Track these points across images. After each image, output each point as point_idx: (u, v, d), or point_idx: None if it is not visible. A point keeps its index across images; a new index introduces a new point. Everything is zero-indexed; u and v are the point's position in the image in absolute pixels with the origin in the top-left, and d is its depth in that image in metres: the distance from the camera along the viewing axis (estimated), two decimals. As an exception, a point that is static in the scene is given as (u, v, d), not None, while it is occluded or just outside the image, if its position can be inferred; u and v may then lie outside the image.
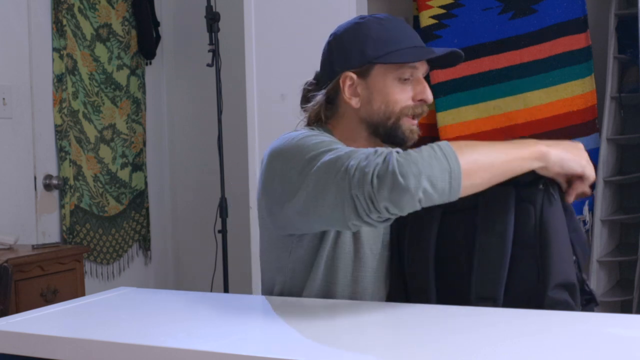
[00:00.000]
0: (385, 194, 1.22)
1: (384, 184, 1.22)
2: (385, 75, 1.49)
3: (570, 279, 1.29)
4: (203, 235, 3.76)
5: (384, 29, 1.50)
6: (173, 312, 1.40)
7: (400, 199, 1.22)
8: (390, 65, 1.48)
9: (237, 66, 3.22)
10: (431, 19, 3.07)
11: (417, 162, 1.23)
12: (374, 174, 1.23)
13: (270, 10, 2.81)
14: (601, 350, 1.04)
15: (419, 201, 1.23)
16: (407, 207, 1.24)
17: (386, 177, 1.22)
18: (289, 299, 1.47)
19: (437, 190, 1.23)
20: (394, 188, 1.22)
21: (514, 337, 1.13)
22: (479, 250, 1.32)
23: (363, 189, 1.24)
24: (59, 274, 2.73)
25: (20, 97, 3.17)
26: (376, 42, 1.49)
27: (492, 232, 1.31)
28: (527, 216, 1.31)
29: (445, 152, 1.24)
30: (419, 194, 1.22)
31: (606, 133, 2.78)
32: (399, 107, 1.49)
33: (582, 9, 2.84)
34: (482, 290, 1.30)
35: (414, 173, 1.21)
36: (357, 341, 1.15)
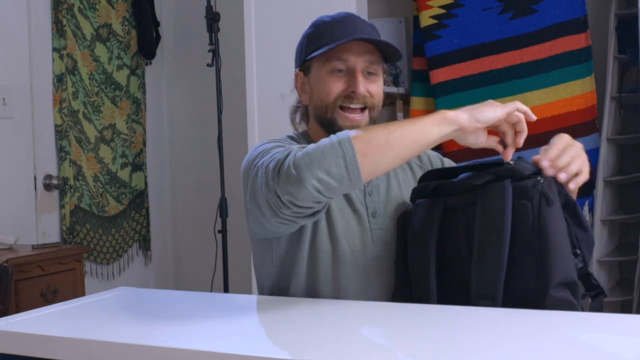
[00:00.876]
0: (284, 187, 1.29)
1: (280, 177, 1.29)
2: (319, 69, 1.55)
3: (571, 277, 1.28)
4: (203, 235, 3.76)
5: (324, 27, 1.56)
6: (173, 312, 1.40)
7: (296, 190, 1.28)
8: (320, 59, 1.54)
9: (237, 66, 3.22)
10: (431, 19, 3.08)
11: (311, 153, 1.28)
12: (275, 171, 1.31)
13: (270, 10, 2.81)
14: (601, 350, 1.04)
15: (317, 190, 1.27)
16: (305, 198, 1.29)
17: (282, 171, 1.29)
18: (289, 299, 1.47)
19: (334, 176, 1.26)
20: (288, 180, 1.28)
21: (512, 337, 1.13)
22: (477, 248, 1.32)
23: (269, 187, 1.32)
24: (59, 274, 2.73)
25: (20, 97, 3.17)
26: (313, 39, 1.56)
27: (490, 230, 1.31)
28: (525, 214, 1.30)
29: (339, 139, 1.28)
30: (313, 182, 1.26)
31: (606, 133, 2.78)
32: (331, 98, 1.53)
33: (582, 9, 2.84)
34: (482, 288, 1.30)
35: (305, 164, 1.27)
36: (358, 341, 1.15)
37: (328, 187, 1.27)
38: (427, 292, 1.38)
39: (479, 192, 1.35)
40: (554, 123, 2.88)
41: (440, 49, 3.06)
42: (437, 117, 1.33)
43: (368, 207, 1.54)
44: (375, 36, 1.54)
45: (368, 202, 1.54)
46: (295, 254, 1.51)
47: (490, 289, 1.29)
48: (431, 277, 1.38)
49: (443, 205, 1.41)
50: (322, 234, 1.50)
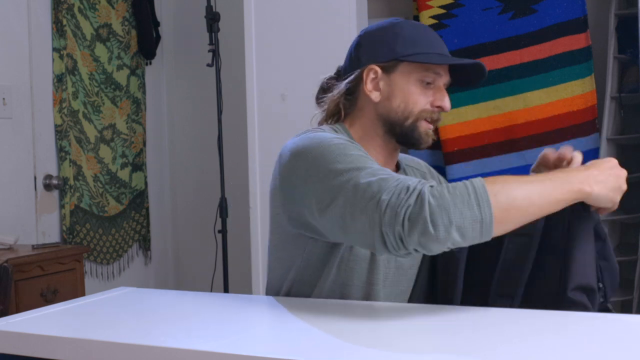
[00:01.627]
0: (416, 238, 1.21)
1: (414, 229, 1.21)
2: (409, 74, 1.50)
3: (590, 283, 1.27)
4: (203, 235, 3.76)
5: (417, 32, 1.52)
6: (173, 312, 1.40)
7: (429, 245, 1.22)
8: (415, 66, 1.49)
9: (237, 66, 3.22)
10: (431, 19, 3.08)
11: (449, 209, 1.20)
12: (405, 216, 1.22)
13: (270, 10, 2.81)
14: (601, 350, 1.04)
15: (448, 248, 1.23)
16: (435, 251, 1.25)
17: (418, 223, 1.21)
18: (289, 299, 1.47)
19: (467, 239, 1.22)
20: (424, 235, 1.21)
21: (512, 337, 1.13)
22: (505, 247, 1.31)
23: (394, 229, 1.23)
24: (59, 274, 2.73)
25: (20, 97, 3.17)
26: (407, 41, 1.50)
27: (521, 232, 1.28)
28: (557, 220, 1.29)
29: (479, 197, 1.21)
30: (448, 243, 1.22)
31: (606, 133, 2.78)
32: (418, 108, 1.50)
33: (582, 9, 2.84)
34: (502, 288, 1.30)
35: (444, 224, 1.20)
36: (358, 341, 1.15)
37: (458, 245, 1.24)
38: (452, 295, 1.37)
39: None
40: (554, 123, 2.88)
41: (440, 49, 3.05)
42: (577, 192, 1.28)
43: None
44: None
45: None
46: (330, 251, 1.47)
47: (511, 289, 1.29)
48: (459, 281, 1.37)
49: None
50: None
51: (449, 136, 2.96)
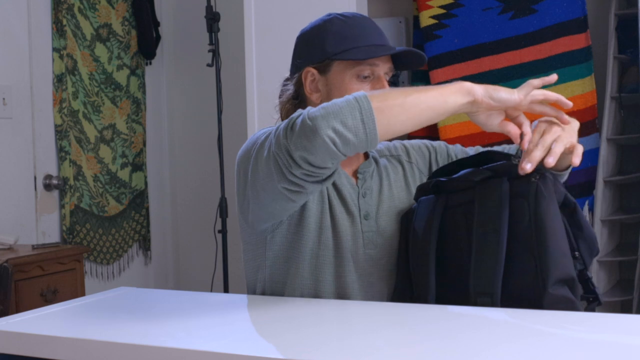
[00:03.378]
0: (297, 140, 1.25)
1: (294, 132, 1.26)
2: (344, 72, 1.51)
3: (570, 274, 1.28)
4: (203, 235, 3.76)
5: (346, 26, 1.52)
6: (173, 312, 1.40)
7: (311, 141, 1.24)
8: (348, 62, 1.50)
9: (237, 66, 3.22)
10: (431, 19, 3.08)
11: (326, 106, 1.25)
12: (288, 127, 1.27)
13: (270, 10, 2.81)
14: (601, 351, 1.04)
15: (332, 142, 1.23)
16: (320, 150, 1.24)
17: (296, 125, 1.26)
18: (289, 299, 1.47)
19: (350, 128, 1.23)
20: (303, 132, 1.24)
21: (511, 337, 1.13)
22: (475, 246, 1.32)
23: (280, 144, 1.28)
24: (59, 274, 2.73)
25: (20, 97, 3.17)
26: (336, 38, 1.51)
27: (488, 228, 1.31)
28: (521, 211, 1.30)
29: (355, 96, 1.26)
30: (329, 132, 1.22)
31: (606, 133, 2.78)
32: None
33: (582, 9, 2.84)
34: (480, 286, 1.30)
35: (321, 114, 1.24)
36: (358, 341, 1.15)
37: (344, 140, 1.23)
38: (425, 291, 1.38)
39: (477, 189, 1.36)
40: (553, 123, 2.87)
41: (441, 49, 3.06)
42: (455, 86, 1.31)
43: (361, 209, 1.53)
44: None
45: (361, 203, 1.53)
46: (295, 249, 1.49)
47: (488, 287, 1.29)
48: (430, 276, 1.38)
49: (444, 203, 1.41)
50: (327, 231, 1.49)
51: (449, 136, 2.96)
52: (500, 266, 1.28)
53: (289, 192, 1.35)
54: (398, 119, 1.26)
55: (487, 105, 1.31)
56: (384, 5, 3.44)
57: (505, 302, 1.28)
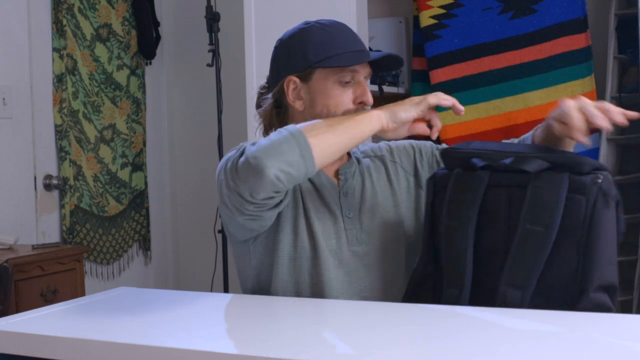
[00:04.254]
0: (244, 182, 1.35)
1: (239, 174, 1.35)
2: (326, 78, 1.54)
3: (613, 282, 1.24)
4: (203, 235, 3.76)
5: (326, 34, 1.55)
6: (173, 312, 1.40)
7: (257, 181, 1.33)
8: (330, 69, 1.54)
9: (237, 66, 3.22)
10: (431, 19, 3.08)
11: (267, 145, 1.34)
12: (233, 169, 1.37)
13: (270, 10, 2.81)
14: (601, 351, 1.04)
15: (277, 179, 1.32)
16: (266, 188, 1.34)
17: (239, 167, 1.35)
18: (289, 299, 1.47)
19: (292, 165, 1.33)
20: (249, 173, 1.33)
21: (510, 338, 1.13)
22: (520, 236, 1.26)
23: (229, 186, 1.38)
24: (59, 274, 2.73)
25: (20, 97, 3.17)
26: (317, 46, 1.54)
27: (538, 223, 1.26)
28: (577, 208, 1.25)
29: (290, 131, 1.36)
30: (274, 171, 1.32)
31: (606, 133, 2.78)
32: (341, 109, 1.54)
33: (582, 9, 2.84)
34: (514, 278, 1.26)
35: (264, 154, 1.32)
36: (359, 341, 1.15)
37: (289, 176, 1.34)
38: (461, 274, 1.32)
39: (532, 177, 1.29)
40: (554, 123, 2.87)
41: (440, 49, 3.06)
42: (367, 117, 1.43)
43: (343, 208, 1.56)
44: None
45: (343, 202, 1.57)
46: (274, 254, 1.54)
47: (523, 280, 1.26)
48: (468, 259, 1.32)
49: (487, 180, 1.35)
50: (302, 233, 1.53)
51: (449, 136, 2.96)
52: (541, 264, 1.25)
53: (250, 222, 1.46)
54: (330, 151, 1.39)
55: (392, 128, 1.45)
56: (384, 5, 3.44)
57: (535, 298, 1.25)
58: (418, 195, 1.63)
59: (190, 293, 1.59)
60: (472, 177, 1.36)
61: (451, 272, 1.35)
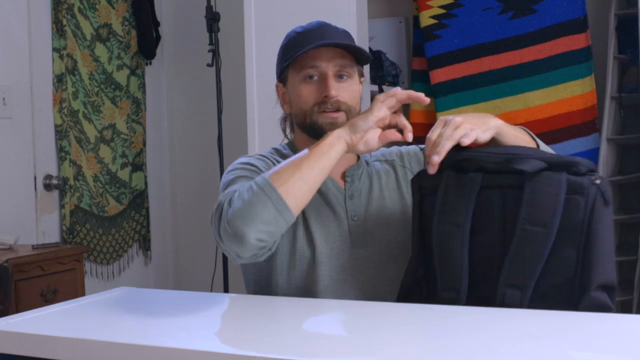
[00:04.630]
0: (230, 246, 1.38)
1: (222, 238, 1.38)
2: (294, 78, 1.60)
3: (612, 281, 1.25)
4: (203, 235, 3.76)
5: (297, 37, 1.60)
6: (173, 312, 1.40)
7: (241, 248, 1.36)
8: (295, 68, 1.58)
9: (237, 66, 3.22)
10: (431, 19, 3.08)
11: (241, 209, 1.35)
12: (216, 229, 1.40)
13: (270, 10, 2.81)
14: (601, 351, 1.04)
15: (259, 240, 1.35)
16: (251, 249, 1.37)
17: (222, 232, 1.37)
18: (289, 299, 1.47)
19: (270, 222, 1.35)
20: (230, 240, 1.37)
21: (510, 338, 1.13)
22: (519, 236, 1.26)
23: (217, 242, 1.41)
24: (59, 274, 2.73)
25: (20, 97, 3.17)
26: (286, 50, 1.60)
27: (536, 223, 1.25)
28: (576, 207, 1.25)
29: (260, 186, 1.36)
30: (254, 235, 1.34)
31: (606, 133, 2.78)
32: (308, 105, 1.57)
33: (582, 9, 2.84)
34: (513, 278, 1.26)
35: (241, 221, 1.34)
36: (359, 341, 1.15)
37: (269, 233, 1.36)
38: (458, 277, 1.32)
39: (529, 178, 1.28)
40: (554, 123, 2.88)
41: (440, 49, 3.06)
42: (328, 140, 1.43)
43: (348, 210, 1.58)
44: (343, 41, 1.57)
45: (348, 205, 1.58)
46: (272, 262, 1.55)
47: (522, 280, 1.26)
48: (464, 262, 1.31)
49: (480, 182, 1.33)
50: (301, 241, 1.54)
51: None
52: (541, 262, 1.25)
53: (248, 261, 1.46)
54: (301, 192, 1.39)
55: (356, 140, 1.44)
56: (384, 5, 3.44)
57: (535, 298, 1.26)
58: None
59: (190, 293, 1.60)
60: (465, 180, 1.34)
61: (447, 276, 1.34)
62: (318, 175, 1.41)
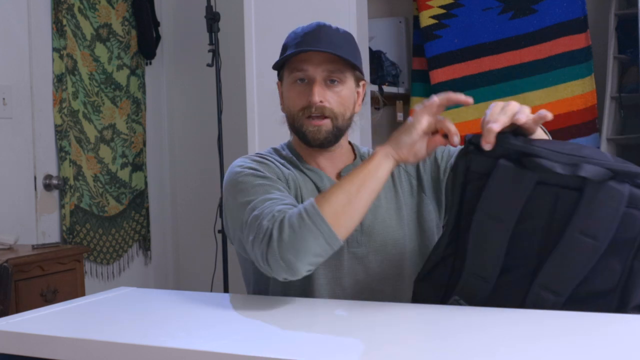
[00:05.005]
0: (279, 273, 1.34)
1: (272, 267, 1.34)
2: (286, 79, 1.58)
3: None
4: (203, 235, 3.76)
5: (294, 37, 1.57)
6: (173, 312, 1.40)
7: (291, 274, 1.34)
8: (288, 70, 1.56)
9: (237, 66, 3.22)
10: (431, 19, 3.08)
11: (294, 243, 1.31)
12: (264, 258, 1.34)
13: (270, 10, 2.81)
14: (600, 351, 1.04)
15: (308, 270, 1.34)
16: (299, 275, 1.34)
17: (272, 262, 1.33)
18: (289, 299, 1.47)
19: (320, 254, 1.32)
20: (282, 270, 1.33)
21: (509, 338, 1.13)
22: (567, 242, 1.21)
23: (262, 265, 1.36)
24: (59, 274, 2.73)
25: (20, 97, 3.17)
26: (284, 49, 1.58)
27: (590, 232, 1.20)
28: (632, 224, 1.20)
29: (312, 219, 1.31)
30: (306, 267, 1.33)
31: (606, 133, 2.78)
32: (296, 109, 1.55)
33: (582, 9, 2.84)
34: (551, 282, 1.22)
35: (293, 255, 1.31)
36: (359, 341, 1.15)
37: (318, 262, 1.35)
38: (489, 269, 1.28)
39: (589, 185, 1.20)
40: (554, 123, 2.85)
41: (440, 49, 3.06)
42: (375, 161, 1.38)
43: None
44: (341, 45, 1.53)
45: None
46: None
47: (559, 286, 1.23)
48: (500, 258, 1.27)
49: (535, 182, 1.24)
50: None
51: (449, 136, 2.95)
52: (583, 273, 1.20)
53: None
54: (353, 219, 1.35)
55: (405, 155, 1.39)
56: (384, 5, 3.44)
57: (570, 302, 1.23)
58: (420, 198, 1.62)
59: (190, 293, 1.59)
60: (521, 176, 1.25)
61: (477, 264, 1.29)
62: (368, 200, 1.37)
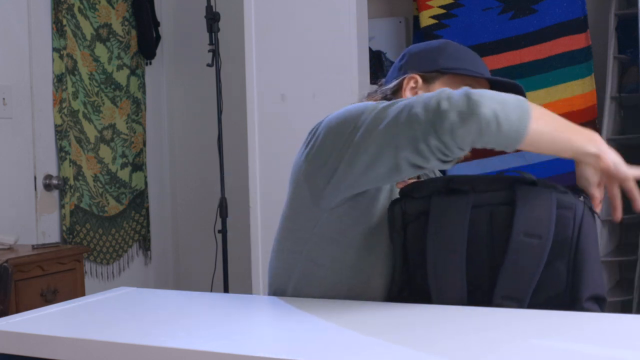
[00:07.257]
0: (452, 111, 1.23)
1: (452, 103, 1.24)
2: (449, 85, 1.51)
3: (603, 294, 1.28)
4: (203, 235, 3.76)
5: (462, 51, 1.58)
6: (173, 312, 1.40)
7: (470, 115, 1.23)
8: (455, 80, 1.53)
9: (237, 66, 3.22)
10: (431, 19, 3.08)
11: (492, 95, 1.24)
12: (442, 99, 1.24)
13: (270, 10, 2.81)
14: (601, 351, 1.04)
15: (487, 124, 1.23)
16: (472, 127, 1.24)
17: (455, 99, 1.24)
18: (289, 299, 1.47)
19: (509, 119, 1.23)
20: (464, 105, 1.23)
21: (509, 338, 1.13)
22: (514, 248, 1.28)
23: (427, 110, 1.25)
24: (59, 274, 2.73)
25: (20, 97, 3.17)
26: (451, 57, 1.55)
27: (533, 232, 1.28)
28: (566, 222, 1.29)
29: (519, 99, 1.26)
30: (491, 112, 1.22)
31: (606, 133, 2.78)
32: None
33: (582, 9, 2.84)
34: (510, 290, 1.28)
35: (488, 96, 1.24)
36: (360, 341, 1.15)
37: (498, 126, 1.23)
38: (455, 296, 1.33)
39: (519, 193, 1.31)
40: (554, 123, 2.88)
41: (440, 49, 3.06)
42: (588, 134, 1.33)
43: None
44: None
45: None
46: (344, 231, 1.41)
47: (519, 292, 1.28)
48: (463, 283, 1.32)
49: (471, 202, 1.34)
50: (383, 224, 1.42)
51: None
52: (538, 273, 1.27)
53: (407, 164, 1.30)
54: (544, 132, 1.28)
55: (606, 167, 1.34)
56: (384, 5, 3.44)
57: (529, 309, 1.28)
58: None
59: (190, 293, 1.59)
60: (456, 203, 1.34)
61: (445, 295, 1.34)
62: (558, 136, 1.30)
